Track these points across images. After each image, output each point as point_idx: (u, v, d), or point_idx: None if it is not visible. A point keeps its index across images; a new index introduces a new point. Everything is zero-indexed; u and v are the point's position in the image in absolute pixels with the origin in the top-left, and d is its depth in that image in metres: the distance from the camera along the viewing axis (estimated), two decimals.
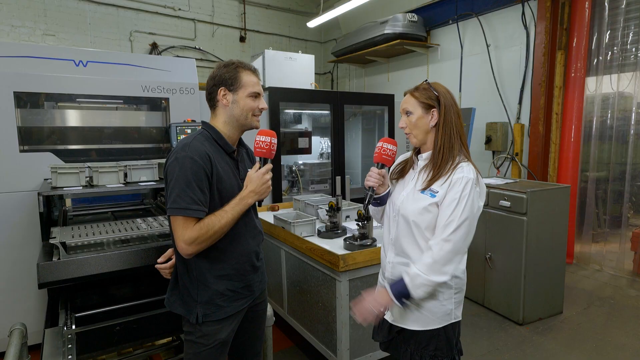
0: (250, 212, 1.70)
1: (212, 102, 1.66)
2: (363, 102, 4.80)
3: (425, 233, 1.54)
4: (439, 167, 1.54)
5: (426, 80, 1.64)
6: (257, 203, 1.68)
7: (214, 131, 1.64)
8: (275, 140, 1.64)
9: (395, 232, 1.64)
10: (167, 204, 1.53)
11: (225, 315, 1.64)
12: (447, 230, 1.47)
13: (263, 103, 1.68)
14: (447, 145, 1.55)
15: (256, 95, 1.64)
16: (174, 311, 1.69)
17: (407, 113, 1.60)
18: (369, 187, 1.66)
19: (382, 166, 1.68)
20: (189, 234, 1.49)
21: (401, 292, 1.49)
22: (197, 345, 1.63)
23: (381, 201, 1.72)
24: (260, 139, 1.62)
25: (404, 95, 1.65)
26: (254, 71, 1.67)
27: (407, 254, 1.60)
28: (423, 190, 1.56)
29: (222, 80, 1.62)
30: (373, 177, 1.65)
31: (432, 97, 1.57)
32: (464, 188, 1.48)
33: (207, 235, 1.50)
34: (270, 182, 1.64)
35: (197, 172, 1.50)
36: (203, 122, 1.69)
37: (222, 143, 1.63)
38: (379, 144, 1.68)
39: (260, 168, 1.62)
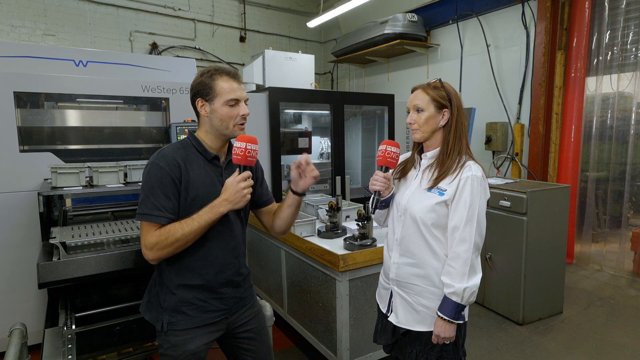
0: (228, 221, 1.59)
1: (195, 112, 1.62)
2: (363, 102, 4.80)
3: (433, 231, 1.55)
4: (447, 166, 1.55)
5: (439, 78, 1.62)
6: (242, 213, 1.62)
7: (194, 139, 1.60)
8: (252, 147, 1.50)
9: (400, 232, 1.64)
10: None
11: (193, 325, 1.57)
12: (465, 230, 1.48)
13: (244, 109, 1.56)
14: (457, 146, 1.56)
15: (234, 103, 1.54)
16: (145, 317, 1.64)
17: (418, 110, 1.58)
18: (375, 192, 1.61)
19: (387, 169, 1.64)
20: (149, 239, 1.47)
21: (456, 310, 1.49)
22: (166, 357, 1.57)
23: (386, 204, 1.70)
24: (235, 145, 1.50)
25: (413, 91, 1.63)
26: (233, 75, 1.56)
27: (414, 254, 1.59)
28: (430, 188, 1.57)
29: (197, 90, 1.55)
30: (379, 181, 1.60)
31: (445, 97, 1.56)
32: (475, 186, 1.50)
33: (168, 241, 1.45)
34: (246, 191, 1.49)
35: (161, 178, 1.48)
36: (189, 132, 1.65)
37: (201, 150, 1.58)
38: (382, 147, 1.62)
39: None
